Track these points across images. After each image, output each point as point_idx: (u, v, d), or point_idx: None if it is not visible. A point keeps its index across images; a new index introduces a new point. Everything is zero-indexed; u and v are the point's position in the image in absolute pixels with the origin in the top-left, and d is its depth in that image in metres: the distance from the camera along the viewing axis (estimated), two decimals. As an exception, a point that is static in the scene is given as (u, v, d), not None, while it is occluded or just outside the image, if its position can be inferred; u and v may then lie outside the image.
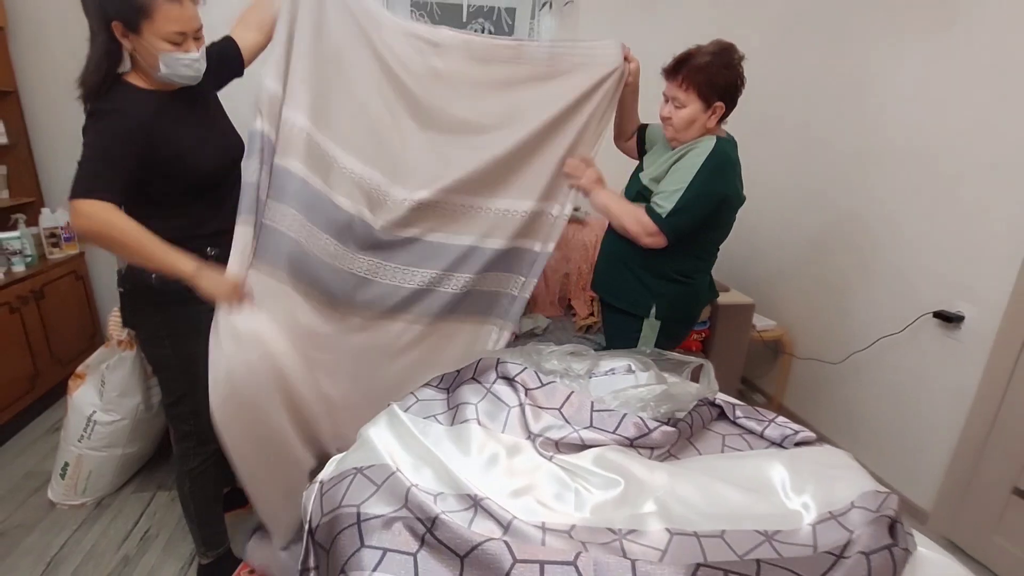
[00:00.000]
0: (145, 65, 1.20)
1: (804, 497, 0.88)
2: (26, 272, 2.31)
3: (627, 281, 1.58)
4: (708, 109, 1.43)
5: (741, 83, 1.45)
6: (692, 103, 1.43)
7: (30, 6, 2.41)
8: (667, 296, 1.55)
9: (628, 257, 1.57)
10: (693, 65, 1.41)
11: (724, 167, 1.43)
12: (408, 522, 0.79)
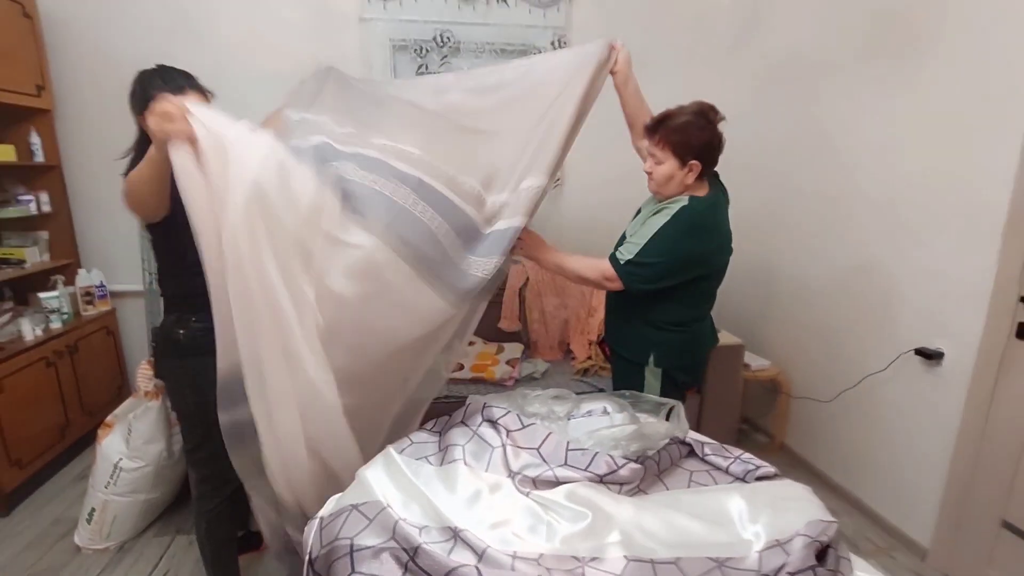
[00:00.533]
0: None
1: (757, 526, 0.96)
2: (62, 328, 2.50)
3: (627, 331, 1.69)
4: (684, 167, 1.52)
5: (718, 142, 1.56)
6: (668, 160, 1.53)
7: (74, 92, 2.70)
8: (664, 345, 1.63)
9: (626, 308, 1.68)
10: (670, 125, 1.52)
11: (692, 227, 1.51)
12: (394, 552, 0.89)
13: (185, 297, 1.44)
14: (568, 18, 2.93)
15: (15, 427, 2.18)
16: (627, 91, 1.68)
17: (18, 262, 2.51)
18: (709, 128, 1.52)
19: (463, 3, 2.83)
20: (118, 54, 2.67)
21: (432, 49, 2.87)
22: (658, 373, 1.63)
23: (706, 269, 1.60)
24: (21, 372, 2.23)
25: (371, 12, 2.78)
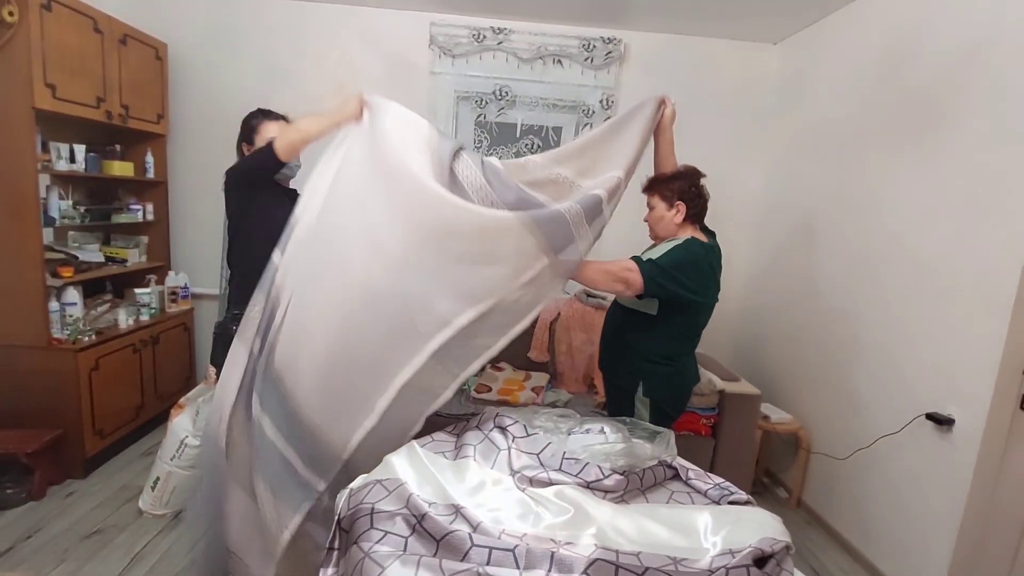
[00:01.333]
0: None
1: (716, 538, 1.09)
2: (149, 321, 2.88)
3: (621, 361, 1.86)
4: (671, 208, 1.81)
5: (697, 191, 1.83)
6: (658, 205, 1.84)
7: (184, 121, 3.17)
8: (653, 377, 1.80)
9: (621, 340, 1.87)
10: (658, 179, 1.88)
11: (694, 257, 1.72)
12: (405, 516, 1.09)
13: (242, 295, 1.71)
14: (617, 79, 3.20)
15: (102, 401, 2.53)
16: (662, 140, 1.94)
17: (122, 261, 2.93)
18: (689, 178, 1.82)
19: (522, 62, 3.15)
20: (223, 92, 3.13)
21: (491, 101, 3.19)
22: (647, 403, 1.79)
23: (699, 299, 1.75)
24: (114, 355, 2.60)
25: (440, 67, 3.15)
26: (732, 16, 2.88)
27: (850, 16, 2.66)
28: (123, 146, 2.92)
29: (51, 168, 2.40)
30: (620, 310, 1.91)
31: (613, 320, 1.92)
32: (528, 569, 0.95)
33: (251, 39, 3.14)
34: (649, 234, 1.92)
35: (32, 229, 2.25)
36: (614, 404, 1.95)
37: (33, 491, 2.30)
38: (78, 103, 2.39)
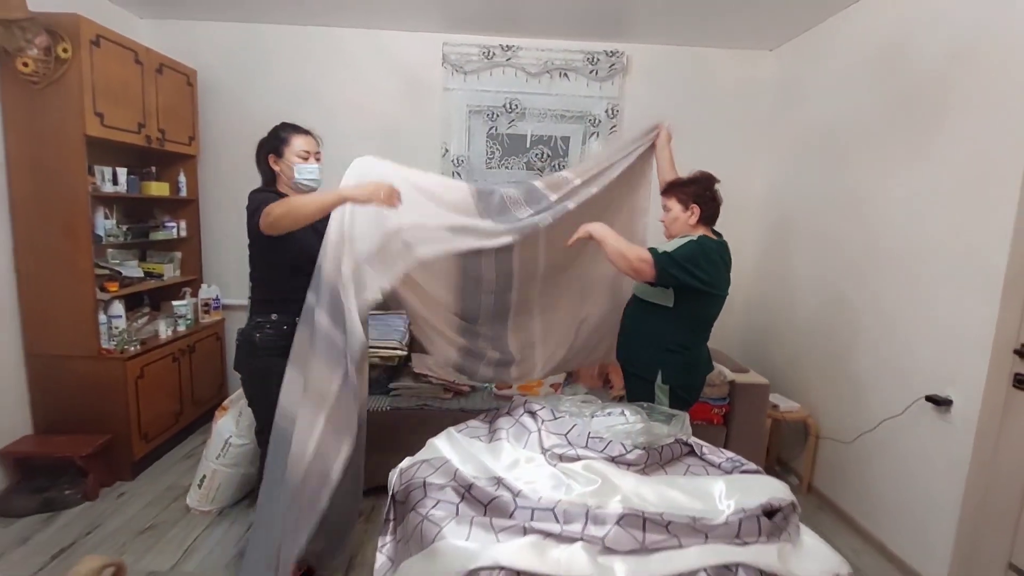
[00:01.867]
0: (285, 178, 1.91)
1: (730, 501, 1.23)
2: (186, 332, 3.05)
3: (639, 351, 2.00)
4: (686, 209, 1.97)
5: (710, 195, 1.98)
6: (675, 207, 2.00)
7: (213, 142, 3.35)
8: (670, 364, 1.93)
9: (640, 332, 2.01)
10: (674, 183, 2.04)
11: (707, 251, 1.87)
12: (454, 487, 1.24)
13: (265, 303, 1.90)
14: (621, 90, 3.36)
15: (147, 407, 2.70)
16: (661, 158, 2.17)
17: (158, 275, 3.11)
18: (703, 183, 1.98)
19: (530, 77, 3.32)
20: (250, 113, 3.31)
21: (502, 114, 3.36)
22: (666, 390, 1.93)
23: (712, 291, 1.89)
24: (156, 363, 2.77)
25: (453, 83, 3.32)
26: (729, 25, 3.04)
27: (842, 23, 2.81)
28: (158, 167, 3.11)
29: (99, 190, 2.58)
30: (639, 304, 2.05)
31: (632, 314, 2.06)
32: (567, 524, 1.09)
33: (274, 63, 3.33)
34: (664, 233, 2.07)
35: (84, 247, 2.43)
36: (634, 393, 2.07)
37: (88, 492, 2.46)
38: (122, 129, 2.58)
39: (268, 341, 1.85)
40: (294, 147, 1.89)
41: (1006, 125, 1.91)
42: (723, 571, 1.01)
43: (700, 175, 2.01)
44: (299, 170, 1.88)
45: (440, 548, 1.06)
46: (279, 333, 1.84)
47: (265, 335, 1.86)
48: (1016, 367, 1.85)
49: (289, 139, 1.91)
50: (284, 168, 1.89)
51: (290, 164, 1.88)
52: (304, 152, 1.89)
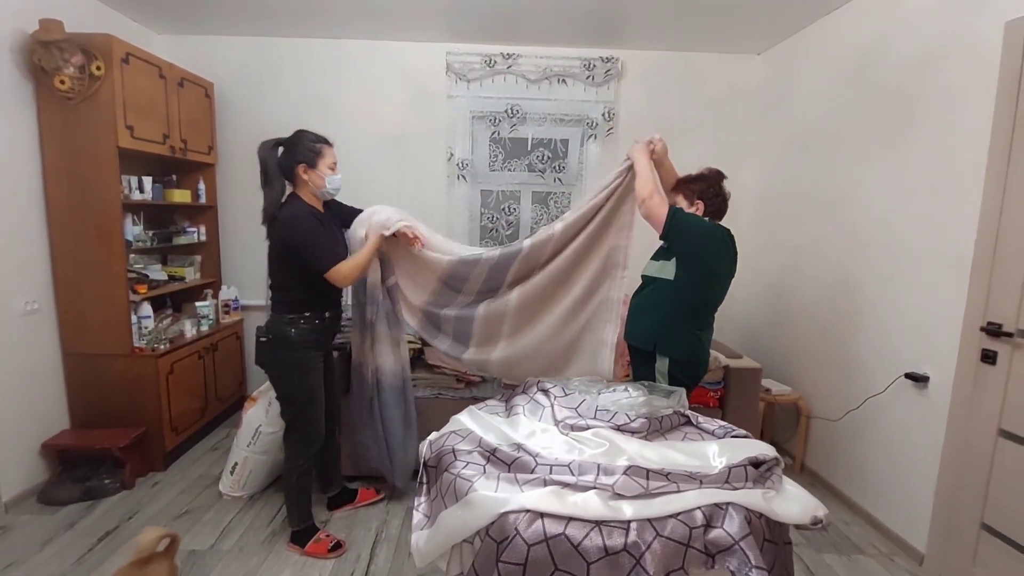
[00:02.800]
0: (313, 187, 2.06)
1: (723, 458, 1.40)
2: (208, 331, 3.21)
3: (640, 323, 2.12)
4: (692, 205, 2.08)
5: (715, 191, 2.09)
6: (680, 202, 2.10)
7: (230, 150, 3.52)
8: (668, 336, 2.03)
9: (643, 305, 2.14)
10: (682, 179, 2.17)
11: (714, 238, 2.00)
12: (480, 452, 1.41)
13: (295, 304, 2.05)
14: (617, 94, 3.54)
15: (176, 402, 2.86)
16: (663, 168, 2.27)
17: (180, 278, 3.27)
18: (709, 180, 2.10)
19: (530, 83, 3.50)
20: (266, 121, 3.48)
21: (503, 119, 3.53)
22: (665, 362, 2.03)
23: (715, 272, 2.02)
24: (184, 361, 2.93)
25: (456, 91, 3.49)
26: (718, 30, 3.22)
27: (823, 29, 2.99)
28: (179, 176, 3.27)
29: (128, 198, 2.74)
30: (648, 282, 2.16)
31: (638, 291, 2.20)
32: (582, 475, 1.26)
33: (286, 75, 3.50)
34: None
35: (118, 252, 2.59)
36: (636, 367, 2.21)
37: (125, 481, 2.63)
38: (150, 140, 2.75)
39: (303, 335, 2.01)
40: (327, 159, 2.05)
41: (969, 124, 2.10)
42: (715, 509, 1.18)
43: (707, 172, 2.12)
44: (330, 181, 2.06)
45: (474, 498, 1.23)
46: (312, 328, 2.01)
47: (301, 330, 2.03)
48: (983, 343, 2.03)
49: (323, 151, 2.05)
50: (315, 178, 2.04)
51: (322, 176, 2.04)
52: (333, 164, 2.07)
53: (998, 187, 1.97)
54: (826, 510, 1.28)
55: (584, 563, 1.11)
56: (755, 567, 1.10)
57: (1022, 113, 1.89)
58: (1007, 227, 1.95)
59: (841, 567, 2.25)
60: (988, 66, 2.00)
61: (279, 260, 2.05)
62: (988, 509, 2.03)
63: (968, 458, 2.10)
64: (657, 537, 1.13)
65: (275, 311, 2.09)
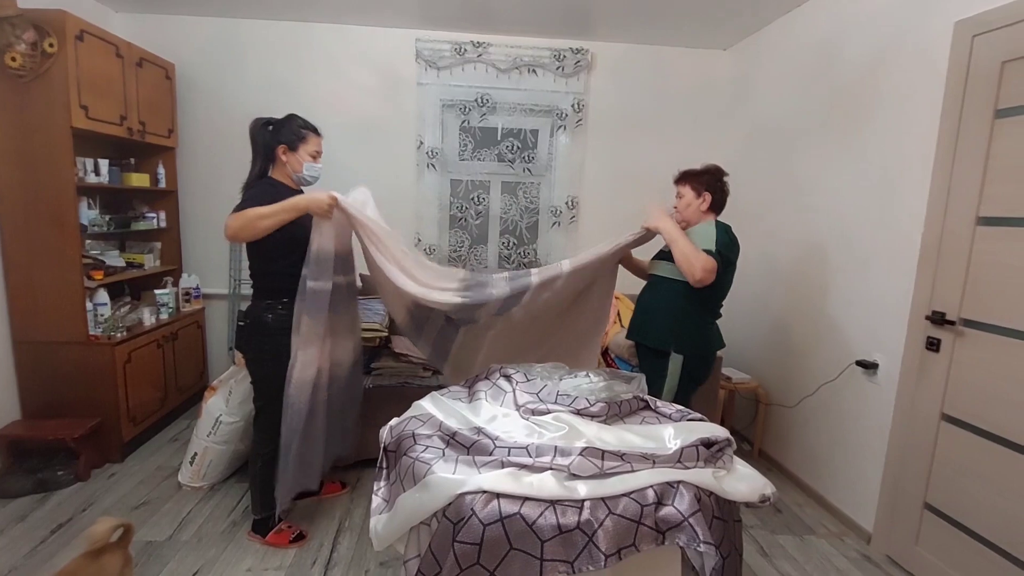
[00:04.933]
0: (291, 170, 2.04)
1: (677, 440, 1.44)
2: (168, 319, 3.14)
3: (655, 324, 2.18)
4: (699, 196, 2.17)
5: (721, 184, 2.19)
6: (687, 193, 2.19)
7: (191, 134, 3.42)
8: (684, 334, 2.12)
9: (657, 305, 2.19)
10: (689, 172, 2.24)
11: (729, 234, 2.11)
12: (440, 436, 1.42)
13: (273, 290, 2.02)
14: (586, 85, 3.56)
15: (134, 392, 2.79)
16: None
17: (139, 265, 3.18)
18: (715, 173, 2.20)
19: (500, 72, 3.49)
20: (228, 105, 3.40)
21: (474, 108, 3.52)
22: (679, 360, 2.10)
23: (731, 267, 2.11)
24: (142, 349, 2.85)
25: (426, 79, 3.46)
26: (685, 25, 3.26)
27: (786, 26, 3.07)
28: (137, 159, 3.17)
29: (83, 181, 2.64)
30: (657, 280, 2.22)
31: (650, 289, 2.25)
32: (539, 457, 1.28)
33: (249, 58, 3.41)
34: (676, 218, 2.22)
35: (72, 237, 2.51)
36: (647, 368, 2.24)
37: (79, 473, 2.55)
38: (106, 121, 2.65)
39: (281, 321, 1.99)
40: (309, 146, 2.04)
41: (918, 122, 2.18)
42: (667, 487, 1.22)
43: (712, 167, 2.22)
44: (308, 168, 2.05)
45: (431, 481, 1.24)
46: (290, 314, 1.99)
47: (277, 316, 2.01)
48: (928, 331, 2.12)
49: (307, 137, 2.04)
50: (293, 162, 2.02)
51: (301, 161, 2.02)
52: (316, 152, 2.05)
53: (944, 183, 2.06)
54: (774, 488, 1.33)
55: (538, 541, 1.14)
56: (703, 542, 1.15)
57: (968, 111, 1.98)
58: (951, 221, 2.04)
59: (793, 547, 2.34)
60: (938, 65, 2.09)
61: (251, 244, 2.01)
62: (931, 490, 2.13)
63: (913, 442, 2.20)
64: (610, 515, 1.16)
65: (255, 296, 2.08)
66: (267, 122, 2.05)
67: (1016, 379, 1.81)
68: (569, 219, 3.66)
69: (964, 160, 1.99)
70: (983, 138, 1.92)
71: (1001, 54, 1.86)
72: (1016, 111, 1.82)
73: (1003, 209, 1.87)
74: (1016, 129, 1.83)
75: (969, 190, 1.96)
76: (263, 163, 2.05)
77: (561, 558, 1.13)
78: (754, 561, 2.23)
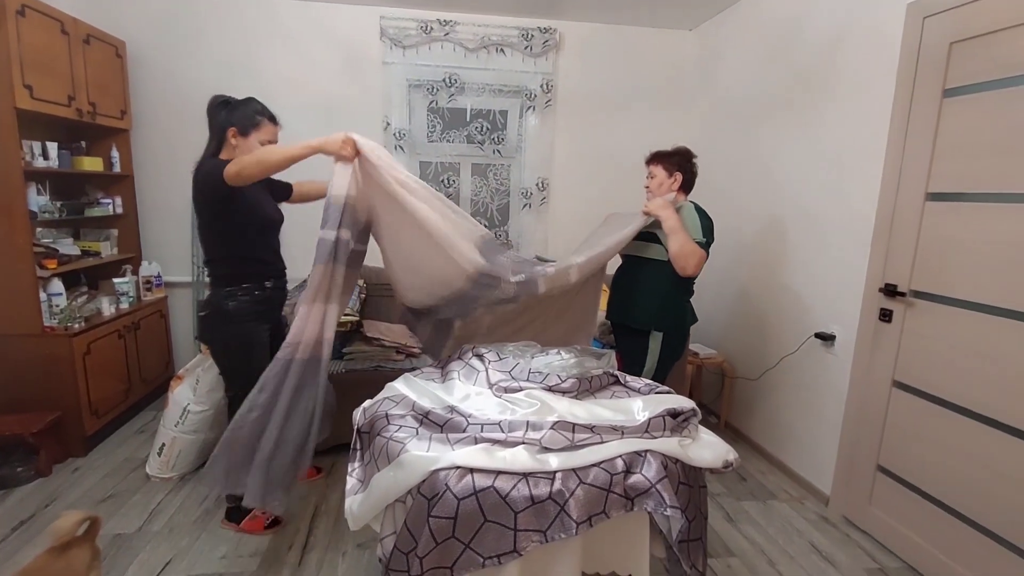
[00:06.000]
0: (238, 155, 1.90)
1: (646, 412, 1.49)
2: (129, 309, 3.04)
3: (635, 304, 2.23)
4: (671, 176, 2.24)
5: (691, 165, 2.28)
6: (659, 173, 2.27)
7: (146, 115, 3.29)
8: (664, 313, 2.19)
9: (635, 286, 2.25)
10: (660, 153, 2.30)
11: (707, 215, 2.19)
12: (414, 415, 1.43)
13: (232, 276, 1.96)
14: (555, 65, 3.55)
15: (96, 384, 2.71)
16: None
17: (96, 253, 3.06)
18: (685, 154, 2.27)
19: (468, 52, 3.45)
20: (184, 86, 3.27)
21: (441, 88, 3.47)
22: (659, 338, 2.18)
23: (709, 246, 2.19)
24: (102, 340, 2.76)
25: (391, 57, 3.40)
26: (651, 5, 3.27)
27: (749, 6, 3.11)
28: (89, 142, 3.03)
29: (30, 165, 2.52)
30: (633, 261, 2.27)
31: (627, 272, 2.30)
32: (511, 432, 1.31)
33: (207, 34, 3.28)
34: (648, 198, 2.28)
35: (21, 224, 2.39)
36: (627, 348, 2.31)
37: (40, 468, 2.48)
38: (52, 102, 2.53)
39: (243, 307, 1.94)
40: (262, 134, 1.93)
41: (873, 101, 2.25)
42: (635, 456, 1.26)
43: (682, 148, 2.28)
44: None
45: (405, 459, 1.25)
46: (252, 299, 1.94)
47: (240, 303, 1.95)
48: (881, 303, 2.22)
49: (261, 124, 1.93)
50: (243, 148, 1.91)
51: (250, 148, 1.89)
52: (268, 141, 1.94)
53: (896, 160, 2.14)
54: (736, 455, 1.39)
55: (512, 512, 1.17)
56: (670, 507, 1.19)
57: (919, 92, 2.05)
58: (903, 197, 2.12)
59: (757, 512, 2.45)
60: (892, 46, 2.15)
61: (205, 227, 1.94)
62: (883, 453, 2.25)
63: (866, 408, 2.31)
64: (580, 484, 1.20)
65: (213, 284, 1.99)
66: (225, 101, 1.96)
67: (961, 347, 1.91)
68: (540, 201, 3.67)
69: (915, 138, 2.07)
70: (932, 117, 2.00)
71: (949, 35, 1.94)
72: (962, 91, 1.90)
73: (949, 185, 1.96)
74: (962, 108, 1.91)
75: (919, 167, 2.05)
76: (217, 144, 1.95)
77: (534, 528, 1.17)
78: (720, 527, 2.32)
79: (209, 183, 1.83)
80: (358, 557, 2.04)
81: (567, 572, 1.21)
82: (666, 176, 2.25)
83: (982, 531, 1.84)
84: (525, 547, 1.16)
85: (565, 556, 1.21)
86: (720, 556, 2.12)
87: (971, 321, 1.88)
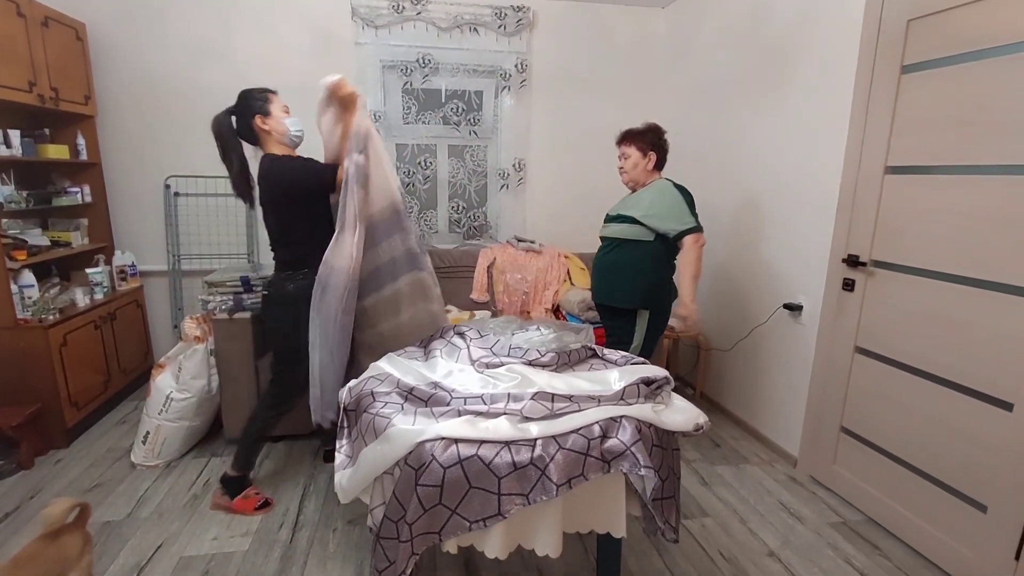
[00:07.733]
0: (277, 135, 2.01)
1: (621, 382, 1.56)
2: (103, 300, 3.00)
3: (622, 285, 2.29)
4: (645, 156, 2.29)
5: (663, 143, 2.33)
6: (633, 153, 2.31)
7: (113, 101, 3.21)
8: (649, 291, 2.26)
9: (621, 268, 2.30)
10: (631, 132, 2.34)
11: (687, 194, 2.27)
12: (398, 392, 1.47)
13: (294, 261, 2.06)
14: (529, 45, 3.55)
15: (74, 376, 2.68)
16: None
17: (66, 244, 3.00)
18: (657, 132, 2.31)
19: (442, 31, 3.42)
20: (151, 69, 3.19)
21: (415, 69, 3.45)
22: (645, 315, 2.26)
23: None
24: (78, 331, 2.73)
25: (364, 38, 3.35)
26: (623, -15, 3.28)
27: (718, -16, 3.14)
28: (53, 129, 2.95)
29: (-8, 154, 2.46)
30: (617, 244, 2.31)
31: (612, 254, 2.34)
32: (493, 404, 1.37)
33: (173, 15, 3.19)
34: (624, 179, 2.33)
35: (-13, 214, 2.34)
36: (613, 328, 2.38)
37: (22, 461, 2.46)
38: (12, 88, 2.45)
39: (302, 291, 2.00)
40: (276, 104, 2.02)
41: (836, 79, 2.33)
42: (611, 422, 1.33)
43: (652, 125, 2.31)
44: (291, 123, 2.03)
45: (392, 432, 1.30)
46: (311, 283, 1.99)
47: (299, 285, 2.03)
48: (844, 273, 2.33)
49: (270, 97, 2.03)
50: (275, 125, 2.00)
51: (280, 120, 2.00)
52: (285, 107, 2.04)
53: (858, 135, 2.22)
54: (707, 418, 1.47)
55: (495, 478, 1.23)
56: (644, 467, 1.27)
57: (879, 68, 2.13)
58: (864, 170, 2.21)
59: (730, 475, 2.57)
60: (854, 25, 2.22)
61: (274, 216, 2.05)
62: (846, 415, 2.38)
63: (831, 373, 2.43)
64: (560, 450, 1.26)
65: (277, 268, 2.12)
66: (226, 111, 2.02)
67: (917, 312, 2.03)
68: (517, 181, 3.70)
69: (875, 113, 2.15)
70: (891, 93, 2.08)
71: (906, 12, 2.01)
72: (919, 67, 1.98)
73: (907, 159, 2.05)
74: (918, 84, 1.99)
75: (879, 141, 2.14)
76: (241, 152, 2.03)
77: (517, 492, 1.23)
78: (696, 490, 2.44)
79: (316, 181, 2.02)
80: (348, 532, 2.10)
81: (549, 532, 1.28)
82: (640, 156, 2.29)
83: (936, 483, 1.98)
84: (509, 510, 1.23)
85: (547, 517, 1.28)
86: (695, 517, 2.24)
87: (928, 288, 1.98)
